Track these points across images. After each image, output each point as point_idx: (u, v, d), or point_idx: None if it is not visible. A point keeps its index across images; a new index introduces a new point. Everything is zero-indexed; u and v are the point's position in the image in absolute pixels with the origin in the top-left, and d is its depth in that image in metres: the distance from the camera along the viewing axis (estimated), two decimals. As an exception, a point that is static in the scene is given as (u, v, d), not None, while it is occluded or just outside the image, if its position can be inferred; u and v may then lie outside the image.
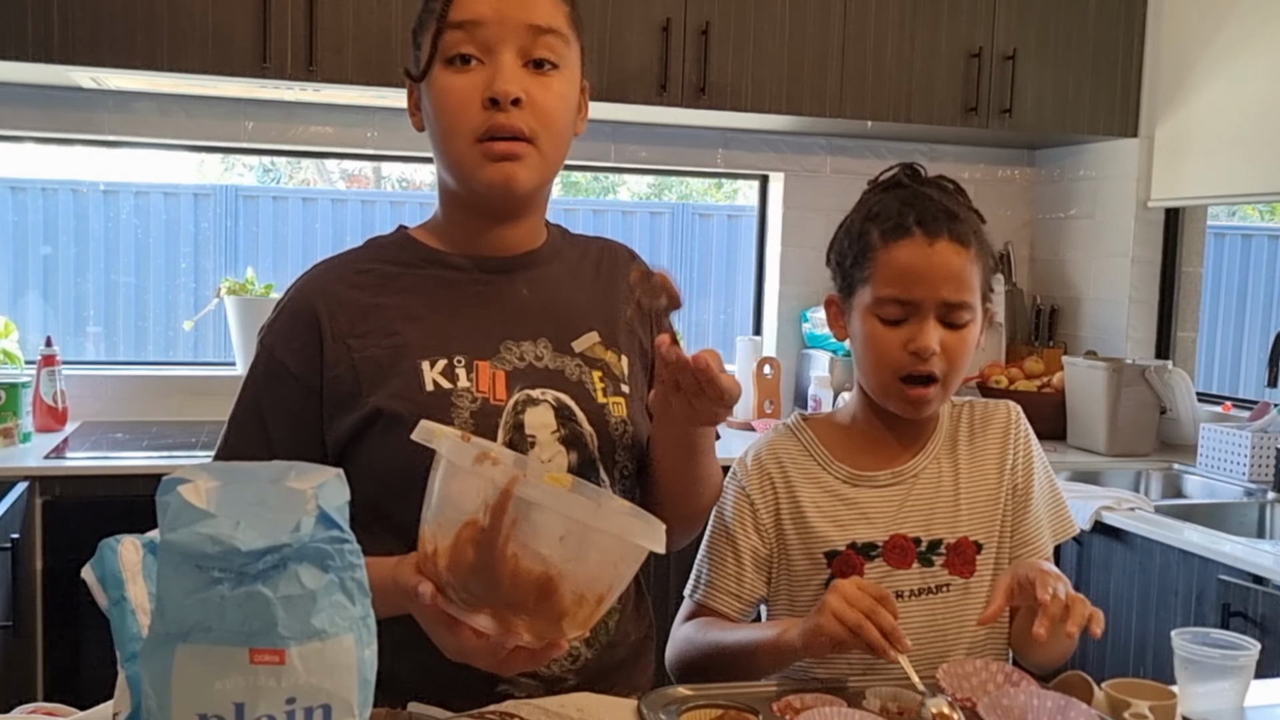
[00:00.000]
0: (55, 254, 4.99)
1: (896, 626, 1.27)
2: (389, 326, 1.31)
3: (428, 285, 1.35)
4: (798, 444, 1.58)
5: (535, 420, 1.31)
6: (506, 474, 0.97)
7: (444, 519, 1.01)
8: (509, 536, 0.97)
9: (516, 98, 1.26)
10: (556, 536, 0.97)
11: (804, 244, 3.85)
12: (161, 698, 0.79)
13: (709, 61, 3.20)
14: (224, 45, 2.86)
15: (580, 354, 1.36)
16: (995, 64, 3.45)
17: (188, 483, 0.80)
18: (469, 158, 1.29)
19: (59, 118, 3.25)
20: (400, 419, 1.25)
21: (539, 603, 0.99)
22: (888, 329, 1.45)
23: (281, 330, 1.33)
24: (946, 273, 1.43)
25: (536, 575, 0.98)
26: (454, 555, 0.99)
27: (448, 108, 1.29)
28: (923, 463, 1.54)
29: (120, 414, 3.36)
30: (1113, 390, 3.35)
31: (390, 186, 6.56)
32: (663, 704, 1.24)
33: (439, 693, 1.24)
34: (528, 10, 1.29)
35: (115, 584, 0.92)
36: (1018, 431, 1.58)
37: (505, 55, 1.27)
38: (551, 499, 0.97)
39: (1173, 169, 3.55)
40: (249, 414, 1.33)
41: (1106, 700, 1.31)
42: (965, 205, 1.50)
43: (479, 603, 1.01)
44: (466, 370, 1.30)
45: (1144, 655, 2.61)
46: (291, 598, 0.79)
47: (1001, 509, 1.54)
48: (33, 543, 2.63)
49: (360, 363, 1.29)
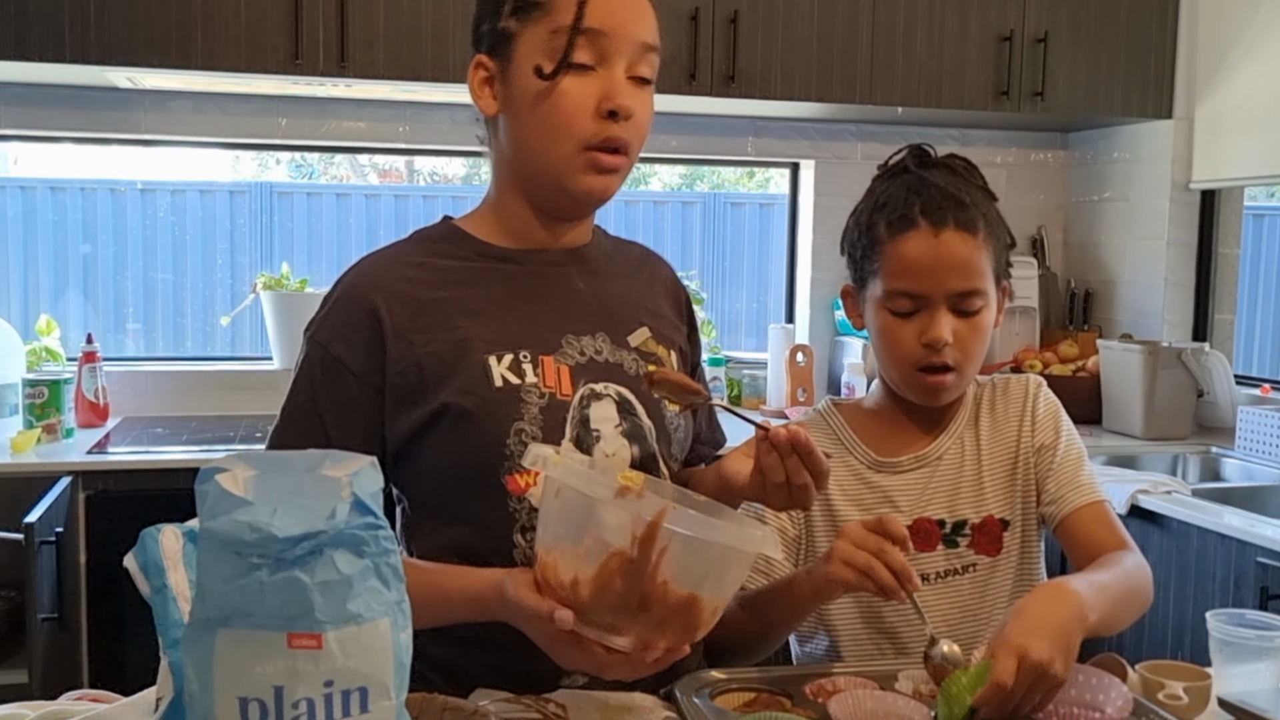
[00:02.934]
0: (95, 252, 5.06)
1: (906, 565, 1.25)
2: (449, 321, 1.31)
3: (485, 279, 1.36)
4: (826, 428, 1.58)
5: (599, 414, 1.32)
6: (653, 507, 1.01)
7: (583, 550, 1.03)
8: (658, 566, 1.00)
9: (631, 113, 1.29)
10: (702, 561, 1.02)
11: (836, 231, 3.77)
12: (204, 682, 0.81)
13: (738, 50, 3.20)
14: (257, 43, 2.89)
15: (635, 348, 1.38)
16: (1026, 47, 3.42)
17: (225, 471, 0.82)
18: (574, 163, 1.30)
19: (96, 118, 3.30)
20: (469, 415, 1.27)
21: (683, 621, 1.04)
22: (900, 321, 1.45)
23: (337, 326, 1.32)
24: (954, 263, 1.42)
25: (683, 598, 1.03)
26: (600, 585, 1.02)
27: (562, 110, 1.28)
28: (945, 444, 1.54)
29: (160, 409, 3.41)
30: (1149, 373, 3.32)
31: (422, 180, 6.61)
32: (695, 688, 1.25)
33: (506, 686, 1.26)
34: (642, 25, 1.31)
35: (157, 572, 0.94)
36: (1037, 398, 1.56)
37: (618, 68, 1.29)
38: (698, 527, 1.01)
39: (1212, 150, 3.51)
40: (304, 412, 1.31)
41: (1141, 682, 1.31)
42: (975, 185, 1.49)
43: (623, 627, 1.04)
44: (533, 365, 1.31)
45: (1181, 639, 2.59)
46: (328, 583, 0.80)
47: (1021, 476, 1.53)
48: (77, 536, 2.67)
49: (424, 358, 1.29)
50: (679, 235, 5.87)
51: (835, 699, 1.18)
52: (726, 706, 1.22)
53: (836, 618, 1.52)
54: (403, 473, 1.34)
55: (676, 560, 1.00)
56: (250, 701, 0.80)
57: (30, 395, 2.92)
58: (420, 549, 1.34)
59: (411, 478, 1.34)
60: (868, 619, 1.51)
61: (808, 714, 1.18)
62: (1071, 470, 1.51)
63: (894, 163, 1.53)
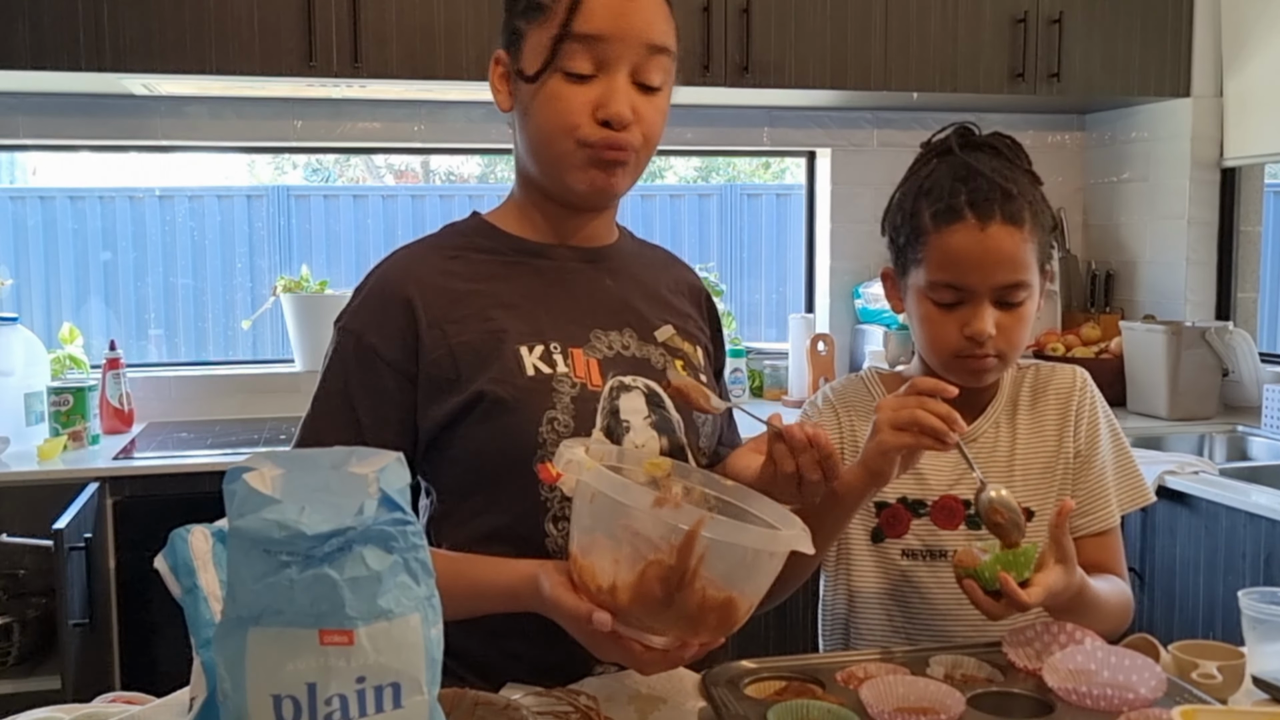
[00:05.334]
0: (115, 259, 5.10)
1: (950, 410, 1.27)
2: (484, 313, 1.32)
3: (518, 273, 1.37)
4: (866, 393, 1.60)
5: (629, 406, 1.34)
6: (691, 516, 1.02)
7: (622, 555, 1.05)
8: (696, 572, 1.02)
9: (627, 122, 1.28)
10: (740, 565, 1.05)
11: (854, 219, 3.83)
12: (236, 680, 0.81)
13: (751, 40, 3.19)
14: (270, 45, 2.90)
15: (662, 343, 1.38)
16: (1041, 28, 3.40)
17: (253, 471, 0.82)
18: (574, 159, 1.30)
19: (113, 125, 3.32)
20: (503, 403, 1.28)
21: (719, 619, 1.06)
22: (942, 312, 1.44)
23: (371, 316, 1.33)
24: (999, 257, 1.40)
25: (721, 601, 1.05)
26: (639, 591, 1.04)
27: (557, 113, 1.28)
28: (982, 426, 1.53)
29: (184, 414, 3.43)
30: (1173, 354, 3.30)
31: (438, 180, 6.62)
32: (726, 678, 1.24)
33: (534, 677, 1.26)
34: (647, 27, 1.28)
35: (187, 572, 0.94)
36: (1083, 397, 1.55)
37: (620, 75, 1.27)
38: (735, 534, 1.03)
39: (1240, 126, 3.48)
40: (336, 400, 1.32)
41: (1174, 662, 1.30)
42: (1020, 169, 1.47)
43: (660, 628, 1.07)
44: (563, 357, 1.32)
45: (1213, 620, 2.58)
46: (357, 579, 0.80)
47: (1058, 477, 1.52)
48: (105, 542, 2.69)
49: (458, 348, 1.30)
50: (696, 228, 5.87)
51: (867, 685, 1.17)
52: (758, 695, 1.21)
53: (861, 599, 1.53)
54: (434, 462, 1.35)
55: (714, 565, 1.03)
56: (284, 699, 0.80)
57: (55, 403, 2.94)
58: (451, 539, 1.35)
59: (443, 467, 1.35)
60: (890, 600, 1.52)
61: (839, 701, 1.18)
62: (1101, 486, 1.53)
63: (937, 142, 1.51)
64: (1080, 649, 1.23)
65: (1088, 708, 1.16)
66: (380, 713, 0.82)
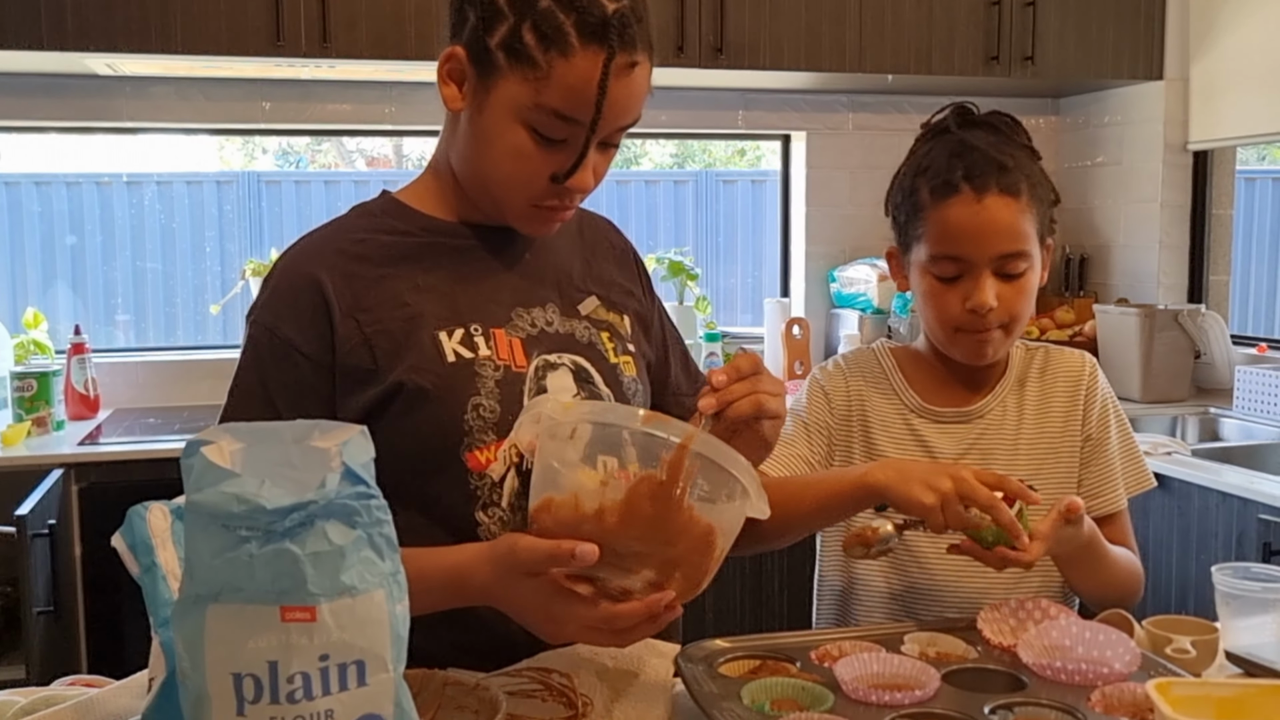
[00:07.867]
0: (82, 244, 5.03)
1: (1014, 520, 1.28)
2: (398, 298, 1.28)
3: (431, 254, 1.32)
4: (877, 365, 1.60)
5: (556, 384, 1.30)
6: (682, 430, 1.04)
7: (610, 479, 1.05)
8: (685, 490, 1.02)
9: (587, 189, 1.26)
10: (721, 491, 1.06)
11: (828, 203, 3.81)
12: (195, 659, 0.79)
13: (725, 20, 3.17)
14: (237, 24, 2.86)
15: (586, 316, 1.36)
16: (1016, 11, 3.39)
17: (211, 444, 0.80)
18: (519, 208, 1.28)
19: (78, 106, 3.26)
20: (424, 393, 1.24)
21: (699, 556, 1.06)
22: (944, 286, 1.46)
23: (281, 307, 1.27)
24: (996, 228, 1.42)
25: (704, 527, 1.05)
26: (628, 510, 1.03)
27: (518, 170, 1.24)
28: (990, 405, 1.55)
29: (151, 399, 3.39)
30: (1145, 336, 3.31)
31: (411, 165, 6.56)
32: (700, 656, 1.23)
33: (480, 665, 1.24)
34: (631, 114, 1.24)
35: (145, 550, 0.92)
36: (1092, 382, 1.58)
37: (592, 147, 1.22)
38: (722, 455, 1.04)
39: (1207, 110, 3.49)
40: (253, 397, 1.27)
41: (1148, 637, 1.30)
42: (1018, 144, 1.49)
43: (644, 557, 1.04)
44: (485, 339, 1.28)
45: (1185, 599, 2.59)
46: (320, 554, 0.78)
47: (1064, 457, 1.54)
48: (70, 529, 2.66)
49: (373, 336, 1.25)
50: (672, 214, 5.85)
51: (841, 662, 1.17)
52: (732, 674, 1.20)
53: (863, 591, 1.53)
54: None
55: (700, 487, 1.04)
56: (244, 677, 0.78)
57: (19, 389, 2.90)
58: None
59: None
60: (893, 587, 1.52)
61: (814, 679, 1.17)
62: (1110, 470, 1.55)
63: (936, 122, 1.53)
64: (1055, 624, 1.22)
65: (1062, 683, 1.16)
66: (345, 691, 0.80)
